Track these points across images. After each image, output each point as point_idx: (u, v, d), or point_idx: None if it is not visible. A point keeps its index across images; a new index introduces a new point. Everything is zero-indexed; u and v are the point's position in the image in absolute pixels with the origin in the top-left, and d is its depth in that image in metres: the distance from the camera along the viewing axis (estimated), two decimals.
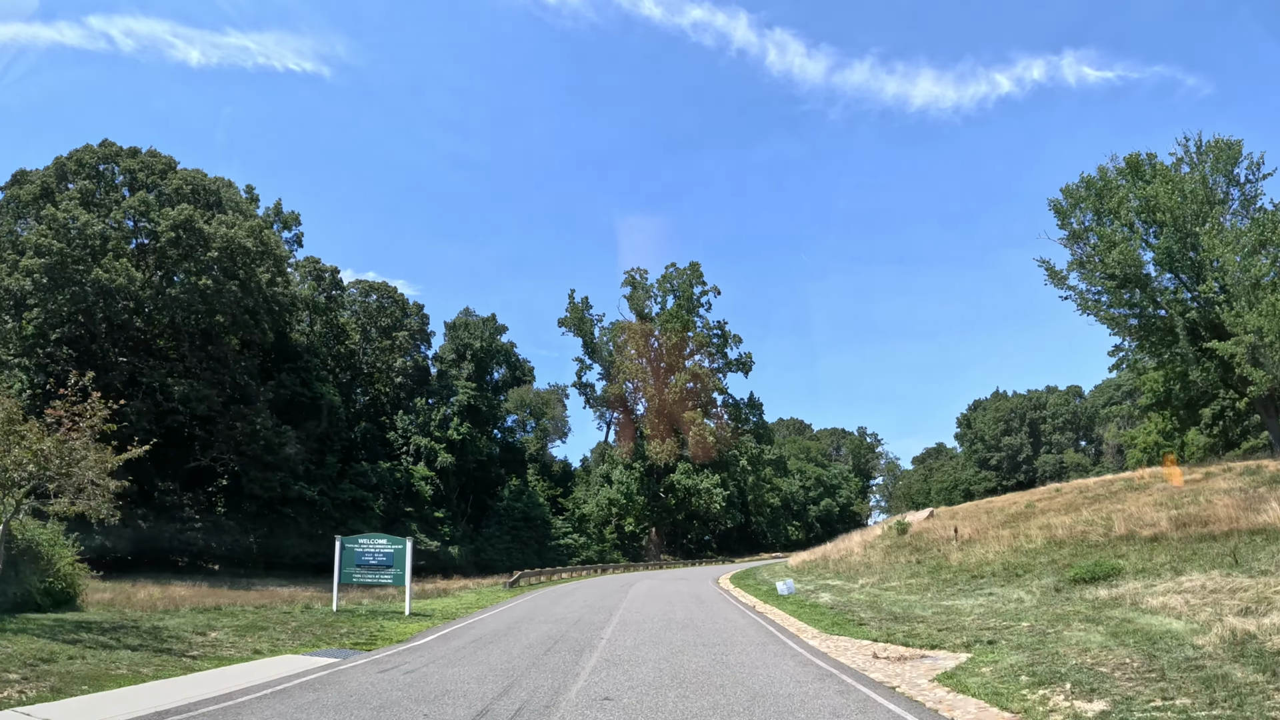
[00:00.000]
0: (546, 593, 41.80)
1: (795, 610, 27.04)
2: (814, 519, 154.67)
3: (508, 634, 21.49)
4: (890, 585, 30.46)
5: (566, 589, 44.92)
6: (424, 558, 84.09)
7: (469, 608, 32.67)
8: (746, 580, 47.06)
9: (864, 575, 34.78)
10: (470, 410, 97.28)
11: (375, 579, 29.91)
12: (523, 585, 50.27)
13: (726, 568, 76.86)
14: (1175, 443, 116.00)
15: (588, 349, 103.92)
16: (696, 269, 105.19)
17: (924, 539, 39.39)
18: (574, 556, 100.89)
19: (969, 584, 26.62)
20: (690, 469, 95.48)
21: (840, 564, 42.89)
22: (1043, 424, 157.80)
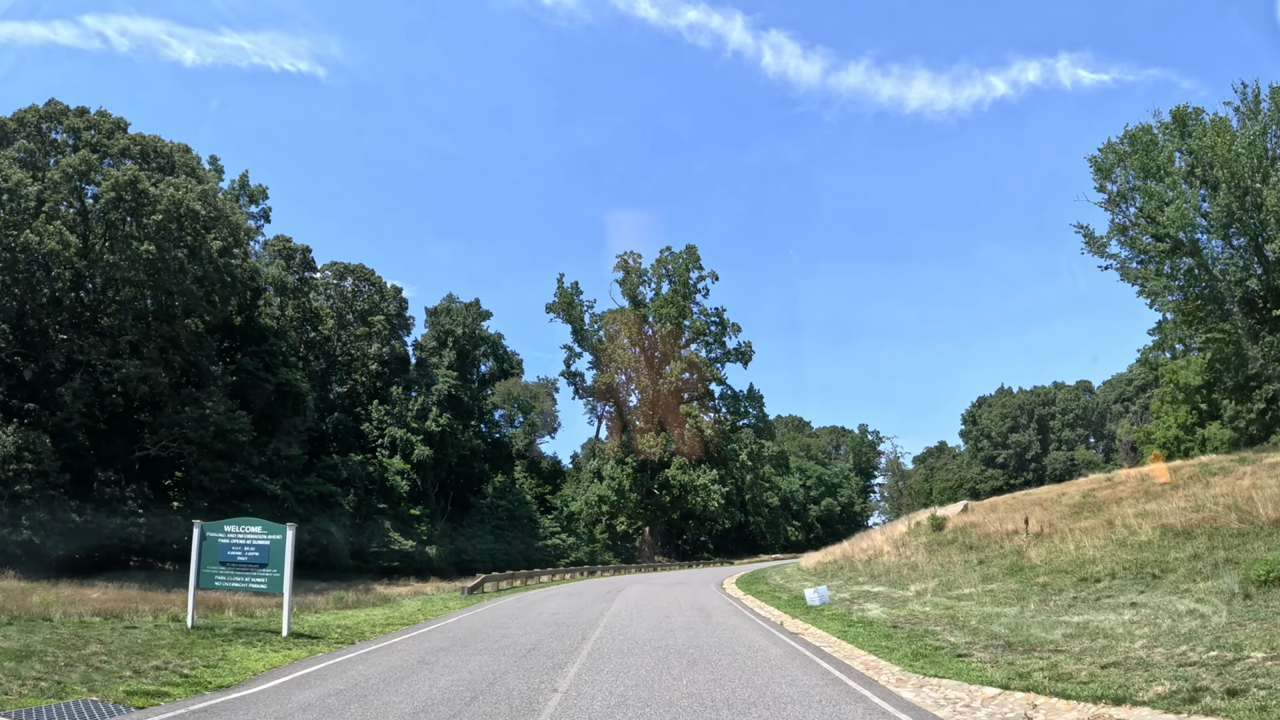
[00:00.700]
0: (512, 601, 33.19)
1: (843, 630, 19.88)
2: (814, 519, 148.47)
3: (412, 675, 13.84)
4: (961, 592, 23.88)
5: (540, 595, 37.24)
6: (398, 558, 77.86)
7: (392, 624, 24.06)
8: (757, 585, 40.05)
9: (915, 580, 28.11)
10: (451, 401, 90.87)
11: (245, 581, 20.72)
12: (488, 591, 42.37)
13: (727, 570, 70.40)
14: (1196, 437, 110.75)
15: (577, 336, 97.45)
16: (693, 253, 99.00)
17: (972, 534, 33.05)
18: (563, 558, 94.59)
19: (1081, 589, 20.18)
20: (686, 464, 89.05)
21: (872, 565, 36.32)
22: (1051, 420, 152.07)
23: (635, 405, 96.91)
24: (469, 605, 31.38)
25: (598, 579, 59.67)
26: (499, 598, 36.66)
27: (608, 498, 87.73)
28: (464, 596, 36.51)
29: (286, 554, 20.21)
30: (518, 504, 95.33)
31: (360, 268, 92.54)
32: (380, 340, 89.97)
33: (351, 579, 70.25)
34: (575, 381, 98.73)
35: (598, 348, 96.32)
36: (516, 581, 50.48)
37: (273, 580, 20.34)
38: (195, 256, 58.05)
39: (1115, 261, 56.03)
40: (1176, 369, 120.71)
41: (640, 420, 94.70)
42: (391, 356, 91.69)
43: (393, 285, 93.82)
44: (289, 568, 20.07)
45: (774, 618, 24.05)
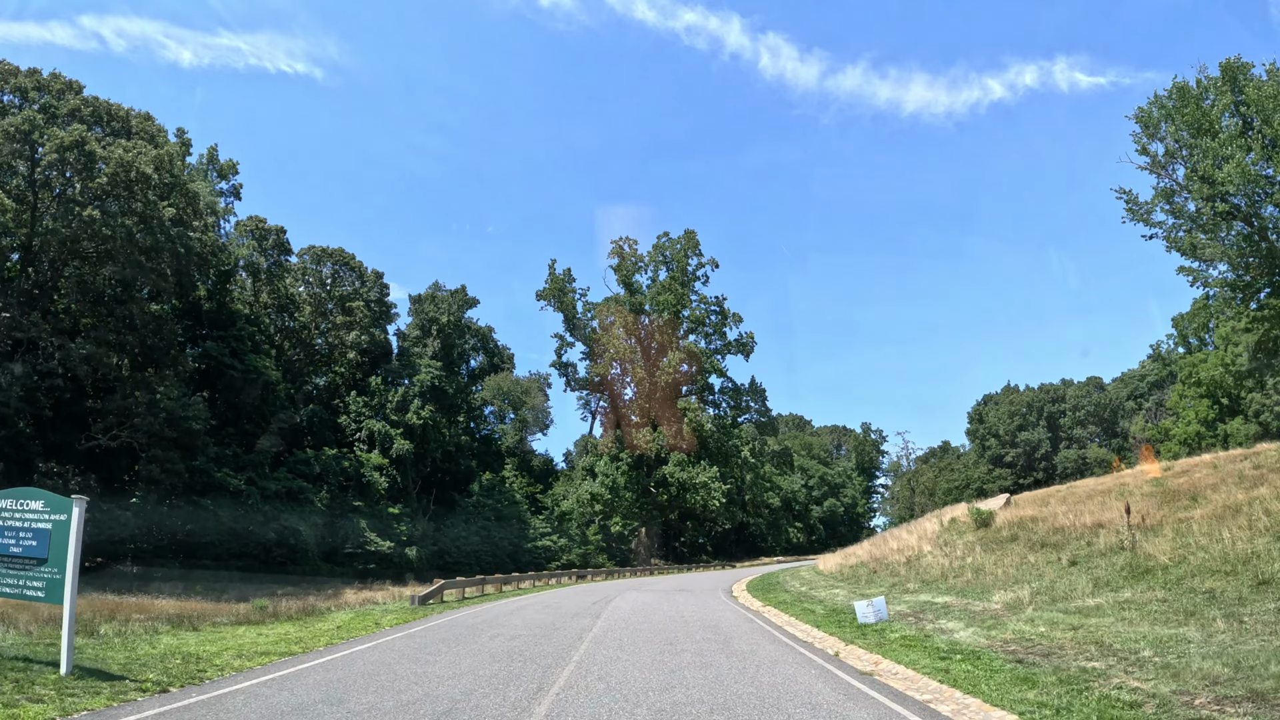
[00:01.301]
0: (468, 616, 25.06)
1: (939, 667, 13.68)
2: (817, 520, 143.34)
3: None
4: (1080, 604, 17.91)
5: (509, 607, 28.93)
6: (374, 560, 72.45)
7: (267, 655, 16.25)
8: (775, 594, 33.66)
9: (996, 588, 22.22)
10: (434, 392, 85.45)
11: (18, 586, 12.95)
12: (447, 600, 33.75)
13: (732, 574, 65.03)
14: (1218, 432, 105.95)
15: (569, 325, 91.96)
16: (692, 238, 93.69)
17: (1039, 529, 27.62)
18: (553, 560, 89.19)
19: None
20: (685, 460, 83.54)
21: (913, 568, 30.88)
22: (1061, 418, 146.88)
23: (630, 399, 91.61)
24: (407, 622, 23.66)
25: (587, 584, 53.73)
26: (456, 610, 28.94)
27: (601, 496, 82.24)
28: (412, 607, 29.37)
29: (70, 546, 12.88)
30: (506, 503, 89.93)
31: (340, 252, 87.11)
32: (360, 328, 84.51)
33: (322, 581, 64.95)
34: (567, 373, 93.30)
35: (591, 338, 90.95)
36: (489, 588, 43.56)
37: (51, 585, 12.82)
38: (146, 225, 52.69)
39: (1161, 230, 50.88)
40: (1196, 362, 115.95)
41: (636, 414, 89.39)
42: (372, 345, 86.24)
43: (373, 270, 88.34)
44: (73, 566, 12.82)
45: (820, 643, 17.76)
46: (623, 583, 53.47)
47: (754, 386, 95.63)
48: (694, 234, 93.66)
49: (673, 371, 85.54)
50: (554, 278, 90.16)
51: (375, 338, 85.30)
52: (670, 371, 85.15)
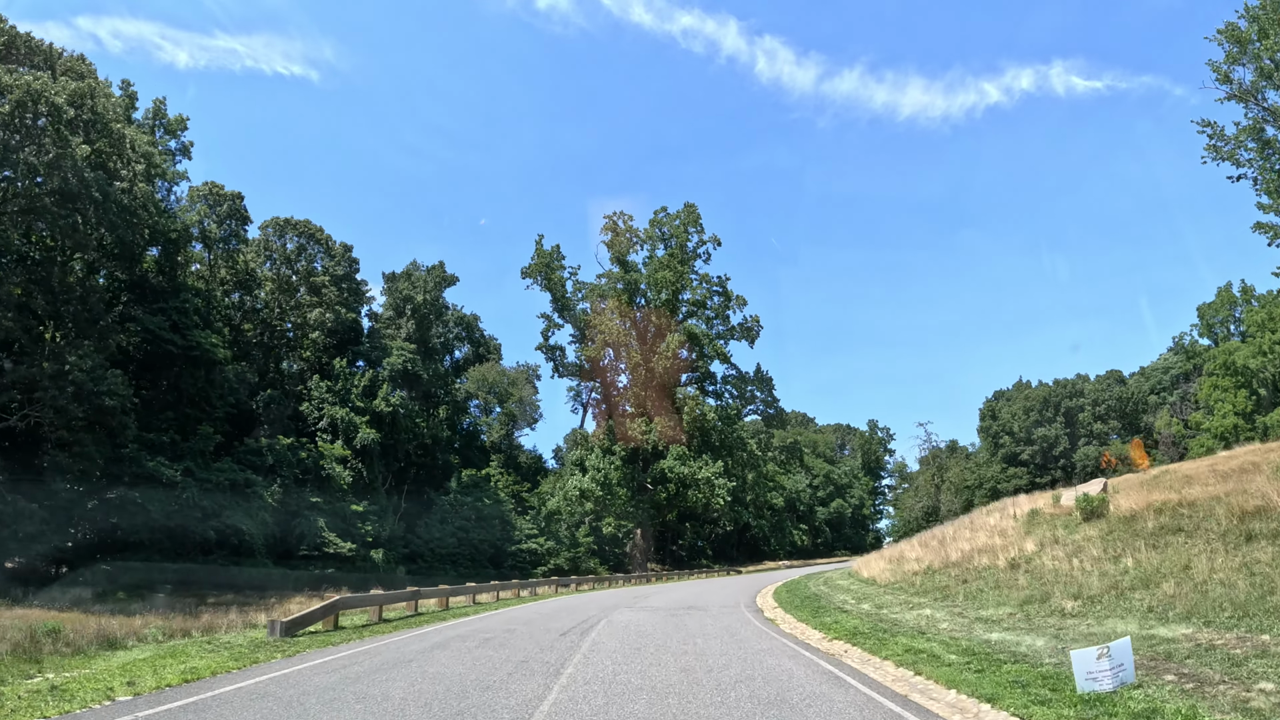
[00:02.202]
0: (344, 661, 15.55)
1: None
2: (822, 522, 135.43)
3: None
4: None
5: (435, 639, 19.56)
6: (334, 562, 64.38)
7: None
8: (831, 616, 23.44)
9: (1232, 611, 13.80)
10: (407, 377, 77.44)
11: None
12: (345, 626, 23.21)
13: (745, 582, 56.48)
14: (1256, 425, 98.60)
15: (557, 306, 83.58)
16: (693, 212, 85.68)
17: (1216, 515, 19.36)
18: (540, 564, 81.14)
19: None
20: (685, 453, 75.32)
21: (1030, 575, 21.98)
22: (1080, 413, 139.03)
23: (624, 387, 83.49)
24: (254, 666, 14.90)
25: (571, 596, 43.59)
26: (344, 645, 18.55)
27: (591, 493, 73.83)
28: (273, 641, 19.07)
29: None
30: (489, 502, 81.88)
31: (305, 224, 78.98)
32: (325, 306, 76.37)
33: (273, 587, 56.94)
34: (554, 357, 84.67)
35: (581, 320, 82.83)
36: (431, 602, 33.69)
37: None
38: (55, 166, 44.56)
39: (1251, 170, 43.17)
40: (1230, 350, 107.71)
41: (630, 404, 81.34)
42: (340, 327, 78.02)
43: (341, 244, 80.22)
44: None
45: None
46: (614, 594, 43.25)
47: (759, 375, 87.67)
48: (694, 208, 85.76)
49: (671, 356, 77.49)
50: (541, 252, 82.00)
51: (343, 317, 77.06)
52: (668, 356, 77.09)
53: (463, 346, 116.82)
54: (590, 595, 43.26)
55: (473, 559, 76.26)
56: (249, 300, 77.34)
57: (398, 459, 77.50)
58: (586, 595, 43.18)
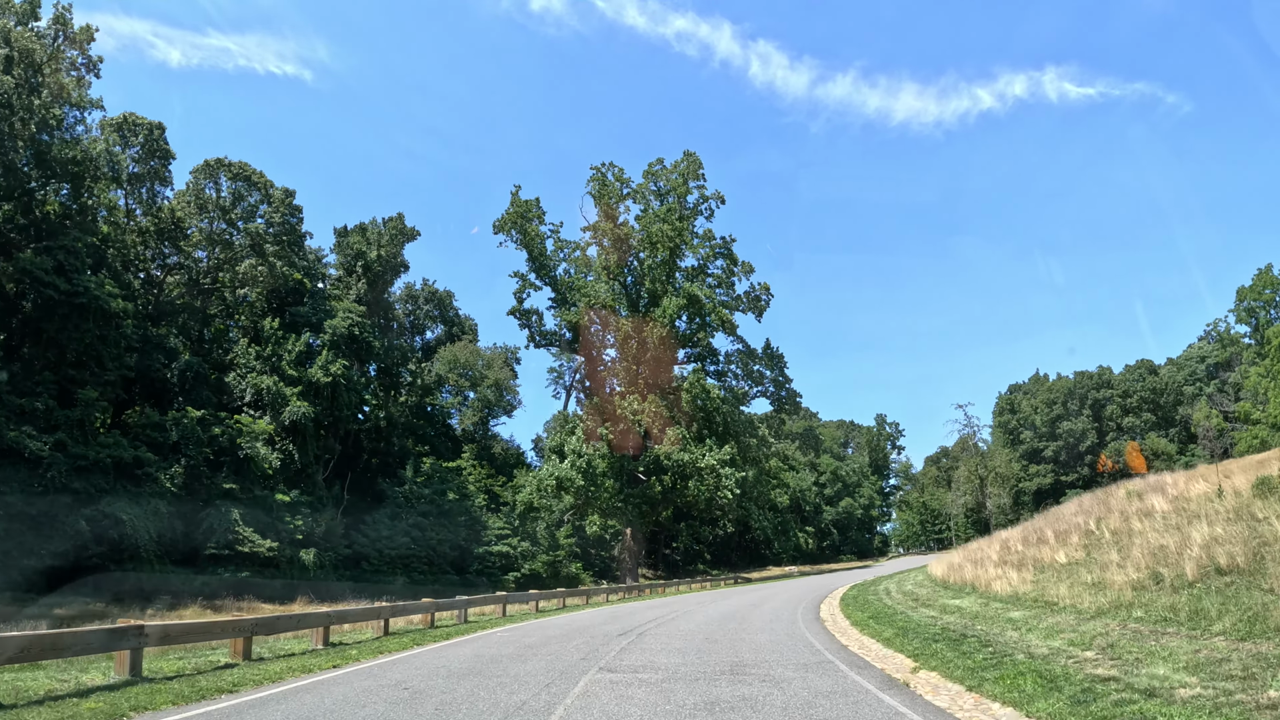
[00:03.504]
0: None
1: None
2: (829, 524, 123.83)
3: None
4: None
5: None
6: (250, 563, 52.23)
7: None
8: (1060, 696, 10.40)
9: None
10: (355, 344, 65.26)
11: None
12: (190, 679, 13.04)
13: (770, 593, 43.69)
14: None
15: (535, 265, 70.83)
16: (693, 162, 73.48)
17: None
18: (512, 570, 69.12)
19: None
20: (685, 437, 62.86)
21: None
22: (1108, 405, 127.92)
23: (612, 361, 71.23)
24: None
25: (531, 624, 27.72)
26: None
27: (571, 482, 60.68)
28: None
29: None
30: (455, 496, 69.89)
31: (241, 166, 66.64)
32: (260, 259, 64.16)
33: (170, 593, 44.96)
34: (530, 324, 71.55)
35: (562, 282, 70.38)
36: (346, 626, 23.50)
37: None
38: None
39: None
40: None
41: (620, 380, 69.14)
42: (277, 284, 65.78)
43: (283, 189, 68.00)
44: None
45: None
46: (593, 618, 28.58)
47: (769, 351, 75.12)
48: (695, 158, 73.57)
49: (668, 324, 65.39)
50: (517, 202, 69.43)
51: (277, 270, 64.69)
52: (665, 323, 64.95)
53: (435, 327, 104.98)
54: (559, 620, 29.08)
55: (431, 562, 64.20)
56: (172, 253, 65.28)
57: (339, 441, 65.47)
58: (555, 619, 29.30)
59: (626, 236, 69.14)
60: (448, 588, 63.64)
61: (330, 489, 64.25)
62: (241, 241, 65.51)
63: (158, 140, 62.19)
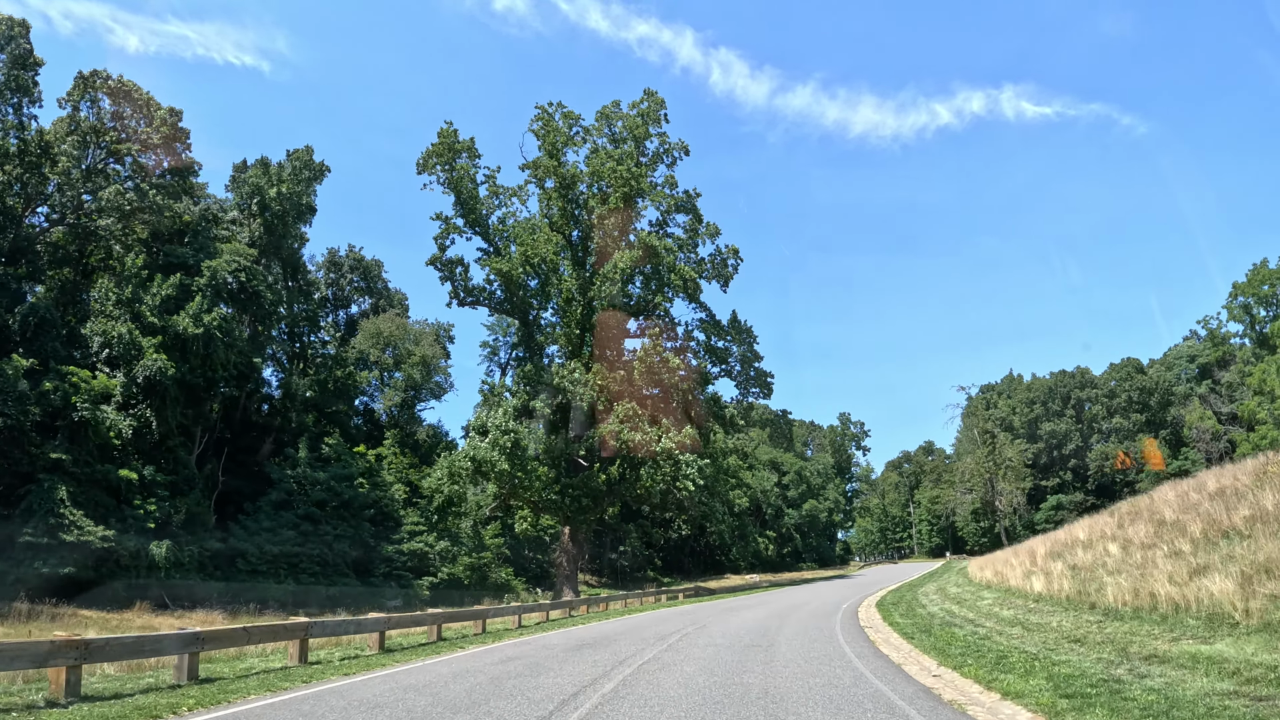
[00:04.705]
0: None
1: None
2: (790, 528, 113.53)
3: None
4: None
5: None
6: (80, 560, 40.83)
7: None
8: None
9: None
10: (242, 294, 53.85)
11: None
12: None
13: (748, 614, 32.77)
14: None
15: (464, 210, 59.17)
16: (656, 102, 62.42)
17: None
18: (428, 574, 58.02)
19: None
20: (635, 414, 51.62)
21: None
22: (1093, 405, 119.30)
23: (551, 325, 60.12)
24: None
25: (377, 676, 16.24)
26: None
27: (491, 465, 48.28)
28: None
29: None
30: (365, 485, 58.83)
31: (120, 81, 55.04)
32: (133, 187, 52.39)
33: None
34: (454, 276, 58.70)
35: (496, 231, 58.98)
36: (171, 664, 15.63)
37: None
38: None
39: None
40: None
41: (561, 347, 58.06)
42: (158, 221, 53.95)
43: (169, 108, 56.33)
44: None
45: None
46: (491, 658, 17.84)
47: (737, 324, 64.37)
48: (658, 98, 62.67)
49: (619, 282, 54.40)
50: (444, 135, 57.90)
51: (152, 202, 52.75)
52: (616, 281, 53.99)
53: (362, 300, 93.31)
54: (432, 666, 18.32)
55: (325, 563, 52.82)
56: (35, 183, 53.28)
57: (213, 409, 53.97)
58: (428, 663, 18.43)
59: (573, 180, 58.20)
60: (349, 593, 52.46)
61: (202, 468, 52.64)
62: (117, 170, 53.91)
63: (21, 43, 50.63)
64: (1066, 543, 26.22)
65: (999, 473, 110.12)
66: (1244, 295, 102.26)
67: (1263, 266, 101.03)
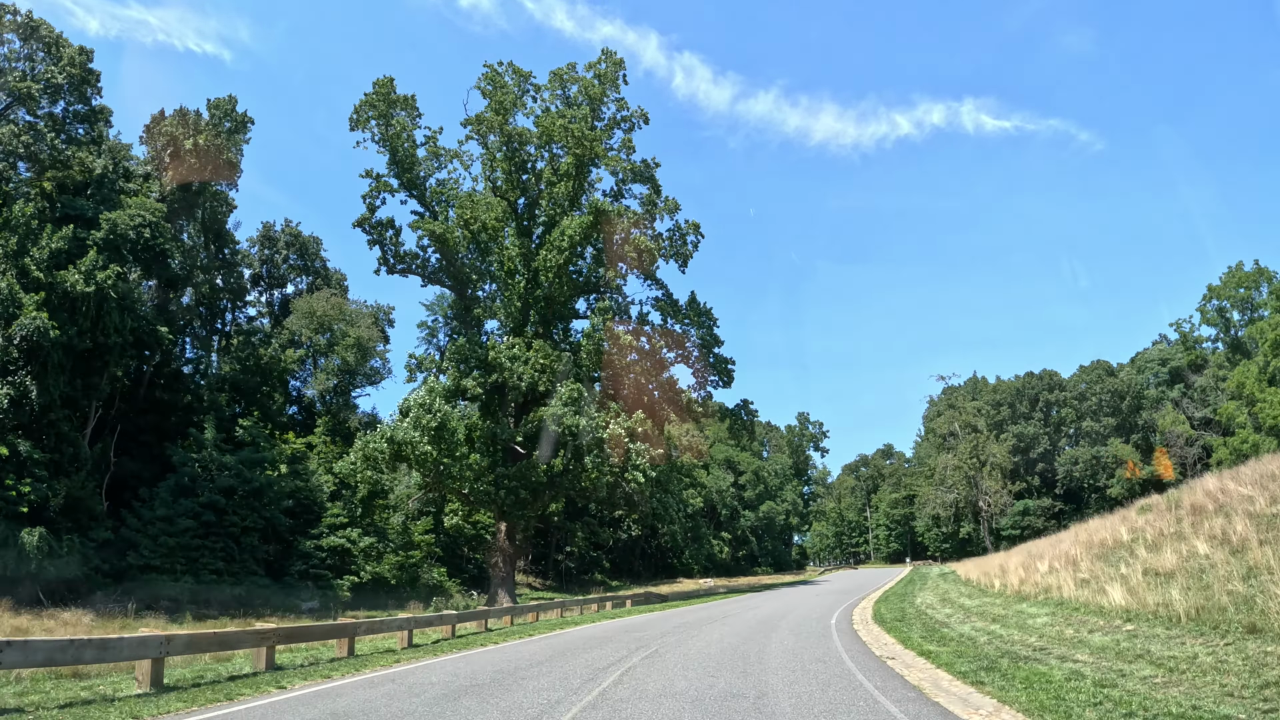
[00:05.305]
0: None
1: None
2: (747, 530, 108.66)
3: None
4: None
5: None
6: None
7: None
8: None
9: None
10: (145, 252, 47.84)
11: None
12: None
13: (703, 618, 30.43)
14: None
15: (400, 169, 53.16)
16: (615, 63, 56.88)
17: None
18: (349, 572, 52.20)
19: None
20: (582, 396, 46.03)
21: None
22: (1062, 408, 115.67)
23: (489, 296, 54.42)
24: None
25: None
26: None
27: (412, 448, 42.32)
28: None
29: None
30: (279, 472, 53.09)
31: (30, 16, 49.01)
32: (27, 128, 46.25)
33: None
34: (384, 239, 52.18)
35: (433, 193, 53.20)
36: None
37: None
38: None
39: None
40: None
41: (504, 321, 52.48)
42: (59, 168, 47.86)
43: (79, 47, 50.41)
44: None
45: None
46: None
47: (696, 305, 59.26)
48: (617, 59, 57.36)
49: (567, 250, 49.03)
50: (380, 86, 52.06)
51: (56, 151, 46.61)
52: (564, 249, 48.64)
53: (299, 280, 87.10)
54: None
55: (230, 559, 47.01)
56: None
57: (112, 382, 47.97)
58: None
59: (521, 139, 52.80)
60: (255, 593, 46.64)
61: (93, 448, 46.58)
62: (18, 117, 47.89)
63: None
64: (1104, 544, 21.44)
65: (983, 470, 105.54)
66: (1219, 299, 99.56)
67: (1238, 269, 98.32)
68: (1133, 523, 22.87)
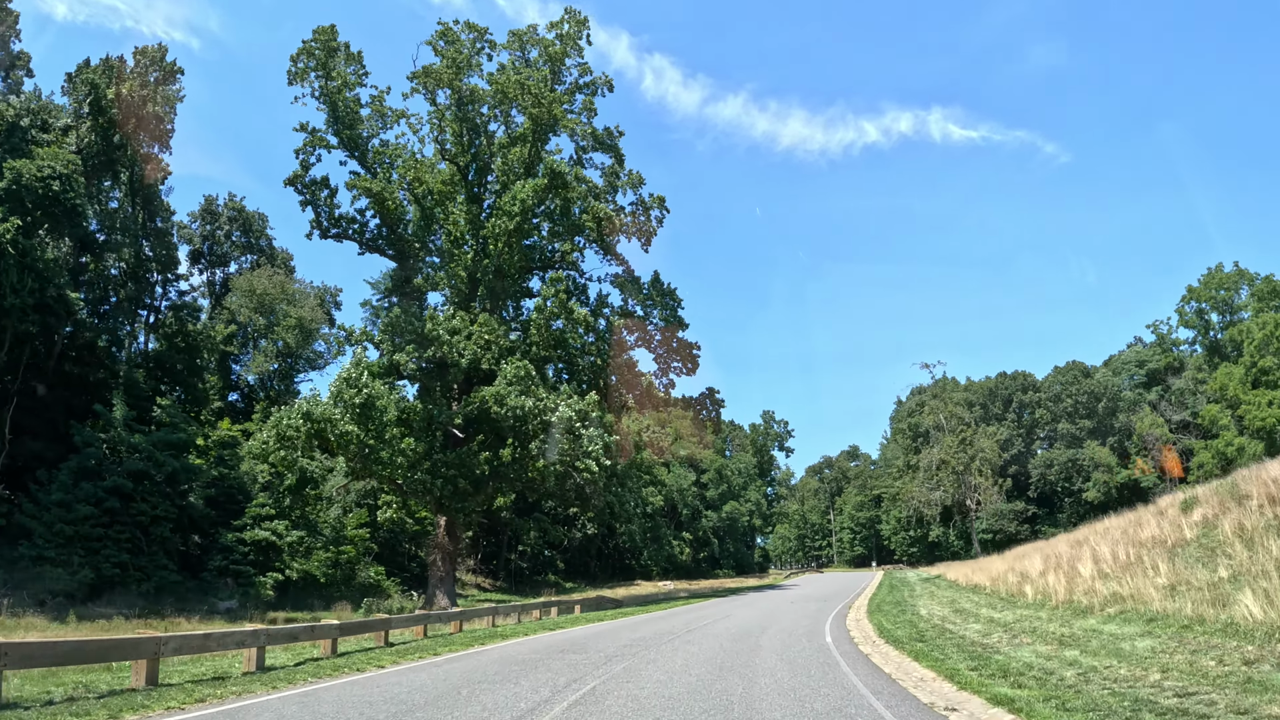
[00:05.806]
0: None
1: None
2: (709, 531, 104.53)
3: None
4: None
5: None
6: None
7: None
8: None
9: None
10: (51, 205, 42.97)
11: None
12: None
13: (663, 632, 27.24)
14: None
15: (338, 126, 48.62)
16: (578, 23, 52.55)
17: None
18: (273, 569, 47.37)
19: None
20: (529, 374, 41.89)
21: None
22: (1036, 410, 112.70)
23: (435, 267, 49.82)
24: None
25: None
26: None
27: (333, 427, 37.34)
28: None
29: None
30: (197, 456, 48.41)
31: None
32: None
33: None
34: (317, 199, 47.30)
35: (375, 154, 48.50)
36: None
37: None
38: None
39: None
40: (1274, 324, 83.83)
41: (448, 294, 47.97)
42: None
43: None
44: None
45: None
46: None
47: (659, 285, 55.05)
48: (580, 18, 53.30)
49: (519, 216, 44.58)
50: (320, 34, 47.19)
51: None
52: (514, 214, 44.17)
53: (243, 259, 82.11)
54: None
55: (137, 550, 42.26)
56: None
57: (9, 352, 43.08)
58: None
59: (473, 98, 48.39)
60: (165, 590, 41.99)
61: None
62: None
63: None
64: (1159, 542, 17.47)
65: (972, 465, 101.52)
66: (1198, 300, 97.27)
67: (1218, 271, 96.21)
68: (1175, 519, 18.92)
